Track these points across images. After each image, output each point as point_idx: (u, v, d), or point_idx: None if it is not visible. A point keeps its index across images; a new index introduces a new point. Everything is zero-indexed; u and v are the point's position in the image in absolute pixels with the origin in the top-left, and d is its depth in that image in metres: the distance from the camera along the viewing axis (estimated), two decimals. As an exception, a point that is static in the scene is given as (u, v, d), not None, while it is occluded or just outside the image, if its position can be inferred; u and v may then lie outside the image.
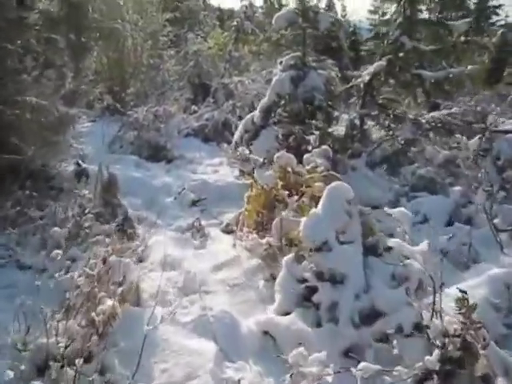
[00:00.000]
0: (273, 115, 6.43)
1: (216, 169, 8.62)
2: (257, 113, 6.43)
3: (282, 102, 6.30)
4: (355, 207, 3.69)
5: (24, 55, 13.19)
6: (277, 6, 26.71)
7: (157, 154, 8.88)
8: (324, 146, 4.97)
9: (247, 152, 6.77)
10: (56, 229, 4.59)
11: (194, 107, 13.78)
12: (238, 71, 14.04)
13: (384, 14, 35.78)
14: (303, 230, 3.59)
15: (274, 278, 3.94)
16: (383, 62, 6.42)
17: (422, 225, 5.32)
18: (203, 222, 5.70)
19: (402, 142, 6.56)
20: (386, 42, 7.27)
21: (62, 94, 13.26)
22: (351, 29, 35.98)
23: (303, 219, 3.69)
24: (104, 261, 3.43)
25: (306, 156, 4.85)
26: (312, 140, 6.18)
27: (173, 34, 15.80)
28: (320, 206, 3.63)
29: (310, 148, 5.99)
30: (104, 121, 10.66)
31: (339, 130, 6.84)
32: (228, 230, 5.41)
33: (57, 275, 3.59)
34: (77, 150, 8.54)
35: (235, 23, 13.05)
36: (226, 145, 10.61)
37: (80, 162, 6.55)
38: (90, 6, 13.55)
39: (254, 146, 6.46)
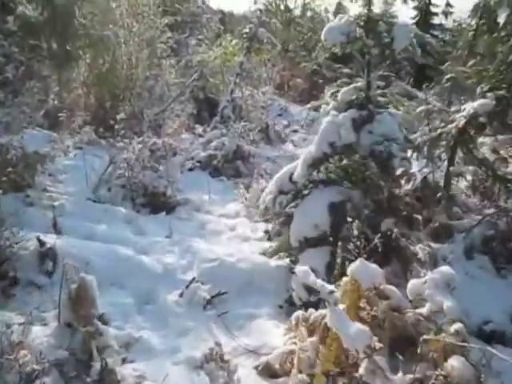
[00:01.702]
0: (321, 171, 4.47)
1: (233, 224, 6.62)
2: (298, 168, 4.45)
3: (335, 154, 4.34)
4: None
5: (5, 64, 11.15)
6: (283, 8, 24.78)
7: (154, 201, 6.89)
8: (445, 269, 2.98)
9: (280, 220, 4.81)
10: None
11: (198, 128, 11.82)
12: (251, 86, 12.03)
13: (392, 17, 34.07)
14: None
15: None
16: (490, 100, 4.44)
17: None
18: (226, 347, 3.72)
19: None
20: (497, 66, 5.26)
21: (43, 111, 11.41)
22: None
23: None
24: None
25: (412, 283, 2.92)
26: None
27: (173, 41, 13.79)
28: None
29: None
30: (90, 150, 8.68)
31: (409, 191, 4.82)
32: (270, 373, 3.40)
33: None
34: (51, 198, 6.60)
35: (247, 30, 11.06)
36: (239, 182, 8.71)
37: (42, 238, 4.54)
38: (78, 10, 11.61)
39: (296, 217, 4.48)
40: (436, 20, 27.61)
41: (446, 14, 28.68)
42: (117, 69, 11.39)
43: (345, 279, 3.17)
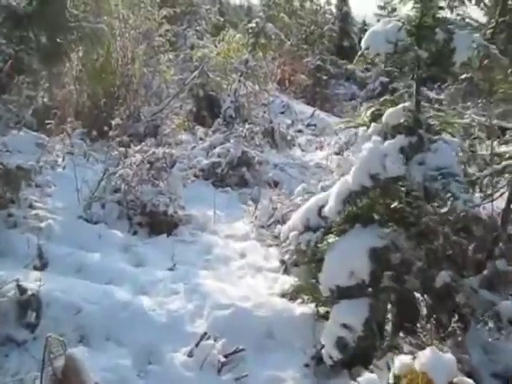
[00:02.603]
0: (360, 207, 3.73)
1: (242, 248, 5.89)
2: (330, 200, 3.71)
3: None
4: None
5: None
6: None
7: (154, 221, 6.14)
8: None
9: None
10: None
11: (199, 129, 11.03)
12: (255, 83, 11.23)
13: (394, 9, 33.28)
14: None
15: None
16: None
17: None
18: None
19: None
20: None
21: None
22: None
23: None
24: None
25: None
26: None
27: (171, 34, 12.94)
28: None
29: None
30: (82, 159, 7.87)
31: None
32: None
33: None
34: (37, 217, 5.82)
35: (253, 25, 10.24)
36: (246, 193, 7.98)
37: (22, 283, 3.77)
38: (69, 0, 10.72)
39: (327, 260, 3.75)
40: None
41: (451, 7, 27.70)
42: (111, 64, 10.55)
43: (403, 368, 2.45)
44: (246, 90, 11.39)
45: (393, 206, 3.66)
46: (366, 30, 26.20)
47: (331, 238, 3.85)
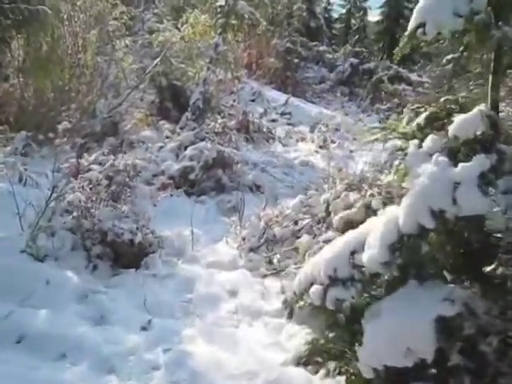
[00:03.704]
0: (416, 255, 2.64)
1: (231, 282, 4.73)
2: (370, 244, 2.61)
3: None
4: None
5: None
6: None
7: (118, 252, 4.90)
8: None
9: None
10: None
11: (164, 124, 9.73)
12: (224, 70, 9.94)
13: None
14: None
15: None
16: None
17: None
18: None
19: None
20: None
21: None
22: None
23: None
24: None
25: None
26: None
27: (128, 17, 11.45)
28: None
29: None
30: (26, 168, 6.53)
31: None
32: None
33: None
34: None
35: (222, 3, 8.91)
36: (225, 201, 6.82)
37: None
38: (3, -23, 9.15)
39: (369, 331, 2.65)
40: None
41: (418, -16, 26.77)
42: (59, 53, 9.08)
43: None
44: (215, 78, 10.09)
45: (465, 254, 2.56)
46: (330, 10, 24.91)
47: (373, 299, 2.73)
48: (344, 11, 31.50)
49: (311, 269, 3.07)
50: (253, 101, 14.67)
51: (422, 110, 2.81)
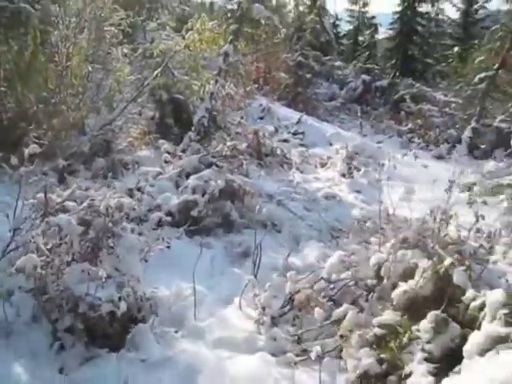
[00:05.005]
0: None
1: (247, 375, 3.39)
2: None
3: None
4: None
5: None
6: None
7: (94, 327, 3.57)
8: None
9: None
10: None
11: (163, 144, 8.47)
12: (238, 85, 8.70)
13: (365, 4, 31.25)
14: None
15: None
16: None
17: None
18: None
19: None
20: None
21: None
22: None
23: None
24: None
25: None
26: None
27: (127, 24, 10.21)
28: None
29: None
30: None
31: None
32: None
33: None
34: None
35: (234, 6, 7.64)
36: (235, 244, 5.54)
37: None
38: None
39: None
40: (423, 8, 24.84)
41: (432, 1, 25.86)
42: (41, 60, 7.81)
43: None
44: (223, 92, 8.85)
45: None
46: (337, 26, 23.84)
47: None
48: (351, 27, 30.81)
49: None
50: (261, 118, 13.44)
51: None
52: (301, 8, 23.12)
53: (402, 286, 3.41)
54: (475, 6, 28.08)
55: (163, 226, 5.55)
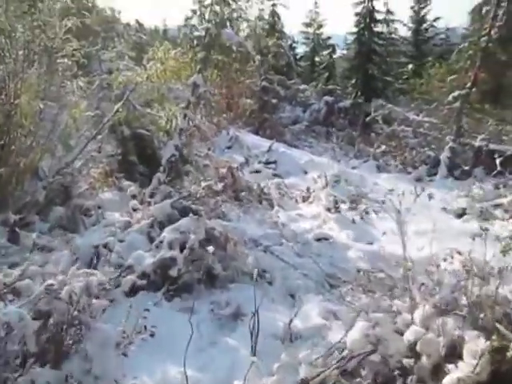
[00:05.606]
0: None
1: None
2: None
3: None
4: None
5: None
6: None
7: None
8: None
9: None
10: None
11: (129, 187, 7.64)
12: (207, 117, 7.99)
13: (320, 26, 31.50)
14: None
15: None
16: None
17: None
18: None
19: None
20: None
21: None
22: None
23: None
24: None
25: None
26: None
27: (81, 54, 9.38)
28: None
29: None
30: None
31: None
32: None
33: None
34: None
35: (201, 33, 6.96)
36: (221, 302, 4.78)
37: None
38: None
39: None
40: (378, 28, 25.02)
41: (387, 21, 26.23)
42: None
43: None
44: (191, 125, 8.11)
45: None
46: (295, 48, 23.62)
47: None
48: (308, 49, 31.09)
49: None
50: (229, 148, 12.78)
51: None
52: (257, 31, 22.90)
53: (453, 372, 2.73)
54: (425, 25, 29.00)
55: (137, 291, 4.71)
